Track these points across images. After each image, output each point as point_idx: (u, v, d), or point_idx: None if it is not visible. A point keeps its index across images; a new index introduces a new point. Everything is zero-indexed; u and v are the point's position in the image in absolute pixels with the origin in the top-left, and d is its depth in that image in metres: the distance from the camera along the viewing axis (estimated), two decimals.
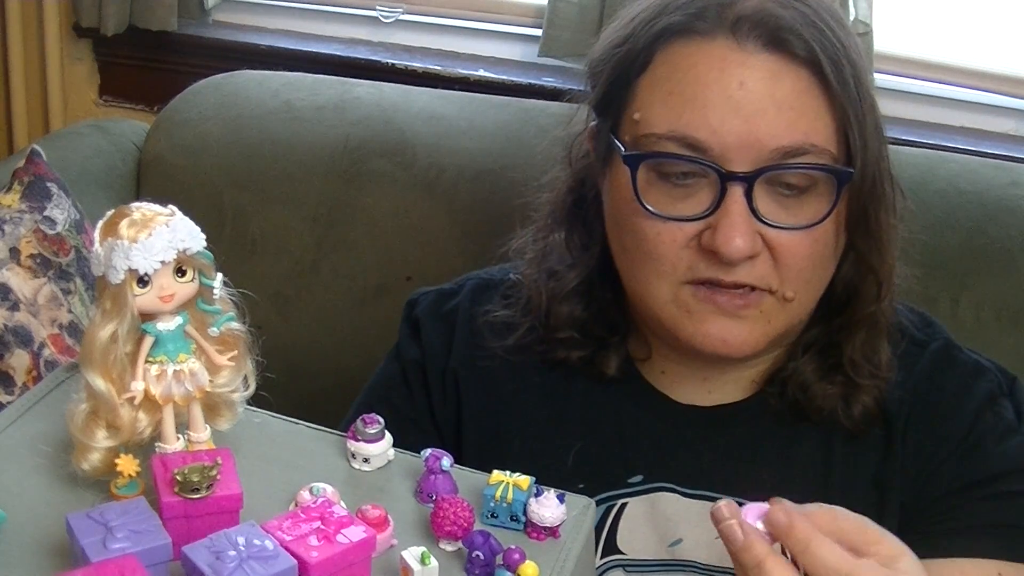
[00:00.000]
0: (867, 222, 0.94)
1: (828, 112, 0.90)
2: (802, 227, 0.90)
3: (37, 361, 1.31)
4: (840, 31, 0.91)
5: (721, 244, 0.88)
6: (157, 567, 0.61)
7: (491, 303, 1.06)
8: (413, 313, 1.10)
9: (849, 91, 0.90)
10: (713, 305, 0.91)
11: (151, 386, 0.67)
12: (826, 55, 0.89)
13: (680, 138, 0.89)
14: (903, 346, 0.99)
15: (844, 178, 0.90)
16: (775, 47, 0.89)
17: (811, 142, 0.89)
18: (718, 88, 0.88)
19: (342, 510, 0.64)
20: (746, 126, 0.88)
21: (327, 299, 1.53)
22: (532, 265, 1.04)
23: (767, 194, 0.90)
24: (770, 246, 0.90)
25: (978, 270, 1.33)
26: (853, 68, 0.91)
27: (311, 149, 1.55)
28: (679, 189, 0.91)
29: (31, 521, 0.67)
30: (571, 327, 1.01)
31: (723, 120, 0.88)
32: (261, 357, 0.73)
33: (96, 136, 1.66)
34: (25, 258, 1.34)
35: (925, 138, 1.70)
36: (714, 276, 0.90)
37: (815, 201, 0.90)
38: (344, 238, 1.53)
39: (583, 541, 0.70)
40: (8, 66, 2.16)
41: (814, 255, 0.92)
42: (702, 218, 0.90)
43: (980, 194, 1.37)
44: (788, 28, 0.89)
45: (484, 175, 1.47)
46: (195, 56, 2.03)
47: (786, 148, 0.88)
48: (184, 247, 0.66)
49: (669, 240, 0.91)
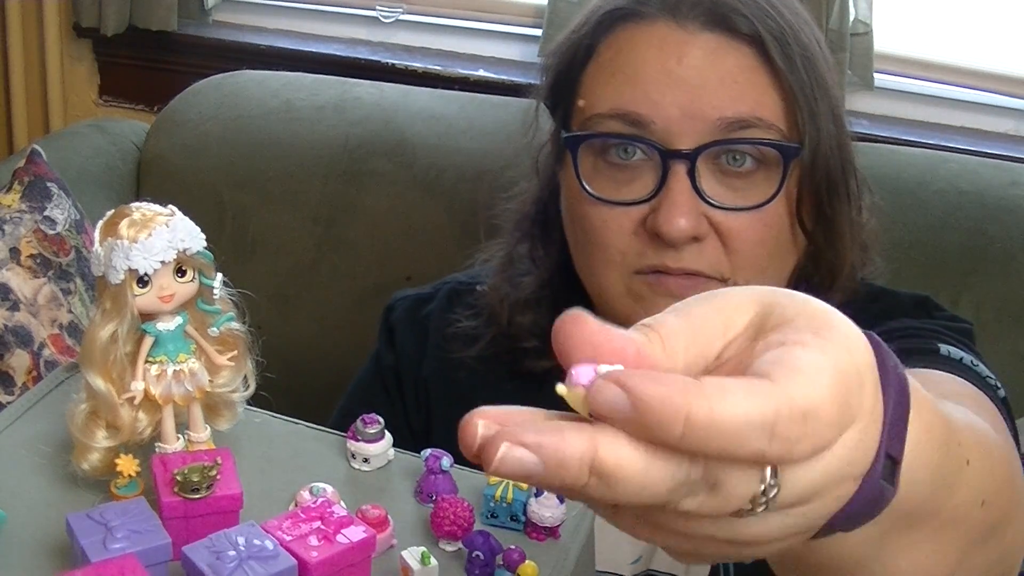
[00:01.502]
0: (820, 208, 0.92)
1: (775, 89, 0.88)
2: (749, 207, 0.88)
3: (37, 361, 1.31)
4: (789, 14, 0.90)
5: (662, 224, 0.87)
6: (157, 567, 0.60)
7: (460, 311, 1.05)
8: (390, 319, 1.09)
9: (796, 71, 0.88)
10: (663, 289, 0.89)
11: (151, 386, 0.67)
12: (770, 33, 0.87)
13: (622, 115, 0.88)
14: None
15: (791, 154, 0.88)
16: (716, 25, 0.88)
17: (757, 115, 0.87)
18: (658, 64, 0.88)
19: (342, 510, 0.64)
20: (687, 97, 0.86)
21: (327, 299, 1.53)
22: (496, 275, 1.04)
23: (713, 175, 0.88)
24: (718, 230, 0.88)
25: (978, 270, 1.33)
26: (803, 50, 0.89)
27: (311, 149, 1.55)
28: (624, 173, 0.90)
29: (31, 521, 0.67)
30: (535, 336, 0.99)
31: (664, 93, 0.87)
32: (261, 357, 0.73)
33: (96, 136, 1.66)
34: (25, 258, 1.34)
35: (925, 138, 1.70)
36: (661, 263, 0.89)
37: (764, 182, 0.89)
38: (344, 238, 1.53)
39: (583, 541, 0.70)
40: (8, 66, 2.16)
41: (766, 240, 0.89)
42: (646, 201, 0.88)
43: (980, 194, 1.37)
44: (729, 6, 0.88)
45: (484, 175, 1.47)
46: (195, 56, 2.03)
47: (731, 119, 0.87)
48: (184, 247, 0.66)
49: (616, 227, 0.90)
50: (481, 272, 1.08)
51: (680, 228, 0.86)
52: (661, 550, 0.94)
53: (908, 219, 1.35)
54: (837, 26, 1.68)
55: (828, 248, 0.93)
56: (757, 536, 0.41)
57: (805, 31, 0.91)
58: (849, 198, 0.94)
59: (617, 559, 0.96)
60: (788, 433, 0.37)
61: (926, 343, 0.90)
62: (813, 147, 0.89)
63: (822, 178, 0.90)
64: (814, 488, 0.40)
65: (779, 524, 0.41)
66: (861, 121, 1.74)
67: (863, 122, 1.74)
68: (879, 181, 1.32)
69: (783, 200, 0.89)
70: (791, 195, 0.90)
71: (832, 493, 0.41)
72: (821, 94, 0.90)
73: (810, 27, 0.93)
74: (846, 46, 1.68)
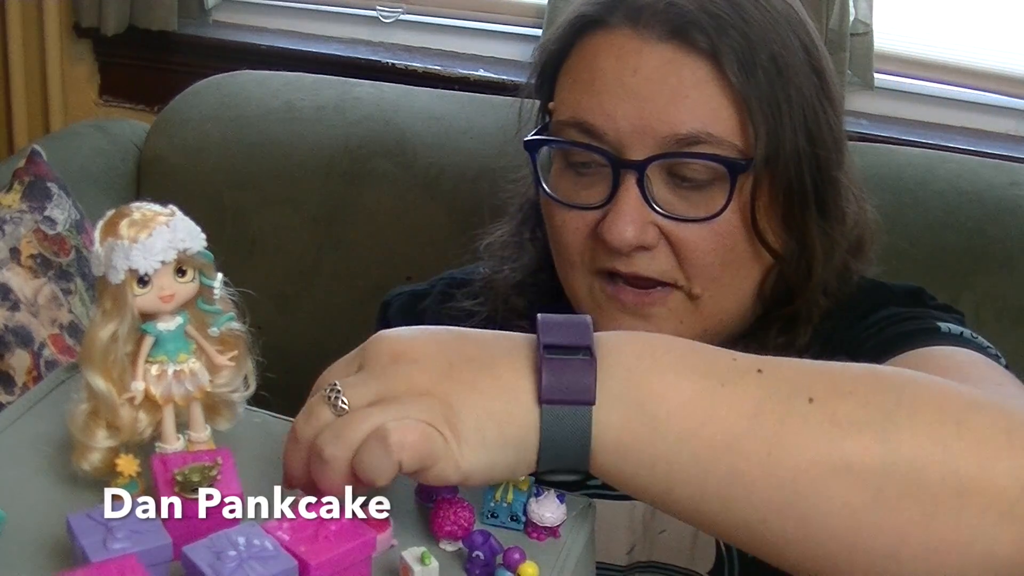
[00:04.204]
0: (786, 221, 0.91)
1: (731, 104, 0.88)
2: (697, 219, 0.88)
3: (37, 361, 1.31)
4: (764, 22, 0.89)
5: (606, 232, 0.88)
6: (157, 567, 0.60)
7: (457, 300, 1.06)
8: (386, 315, 1.09)
9: (756, 85, 0.87)
10: (619, 304, 0.91)
11: (151, 386, 0.67)
12: (730, 46, 0.87)
13: (578, 124, 0.90)
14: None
15: (737, 169, 0.88)
16: (674, 37, 0.88)
17: (707, 131, 0.87)
18: (613, 75, 0.89)
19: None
20: (638, 111, 0.87)
21: (327, 299, 1.53)
22: (494, 256, 1.05)
23: (666, 185, 0.89)
24: (669, 239, 0.89)
25: (978, 270, 1.33)
26: (771, 62, 0.88)
27: (311, 149, 1.55)
28: (583, 178, 0.91)
29: (31, 521, 0.67)
30: (528, 319, 1.00)
31: (616, 105, 0.88)
32: (261, 357, 0.73)
33: (96, 136, 1.66)
34: (25, 258, 1.34)
35: (925, 138, 1.70)
36: (612, 267, 0.90)
37: (717, 194, 0.88)
38: (344, 238, 1.53)
39: (583, 541, 0.70)
40: (8, 66, 2.16)
41: (718, 250, 0.89)
42: (599, 207, 0.90)
43: (980, 194, 1.37)
44: (690, 19, 0.87)
45: (484, 175, 1.47)
46: (195, 56, 2.03)
47: (680, 136, 0.87)
48: (184, 247, 0.66)
49: (573, 228, 0.92)
50: (478, 267, 1.08)
51: (624, 237, 0.88)
52: (661, 540, 0.95)
53: (908, 219, 1.35)
54: (837, 26, 1.68)
55: (797, 261, 0.93)
56: (361, 425, 0.60)
57: (781, 40, 0.89)
58: (823, 210, 0.93)
59: (612, 550, 0.96)
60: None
61: (924, 323, 0.91)
62: (770, 161, 0.88)
63: (783, 192, 0.90)
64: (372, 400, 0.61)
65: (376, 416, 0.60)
66: (861, 121, 1.74)
67: (863, 122, 1.74)
68: (879, 181, 1.32)
69: (738, 213, 0.89)
70: (747, 208, 0.89)
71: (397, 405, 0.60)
72: (788, 106, 0.89)
73: (792, 33, 0.91)
74: (846, 46, 1.68)
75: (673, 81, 0.87)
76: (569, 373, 0.61)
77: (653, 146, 0.87)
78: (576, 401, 0.61)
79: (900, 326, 0.92)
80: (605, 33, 0.91)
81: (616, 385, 0.61)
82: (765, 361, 0.64)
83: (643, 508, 0.95)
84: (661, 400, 0.61)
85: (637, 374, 0.62)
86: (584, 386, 0.61)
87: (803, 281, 0.94)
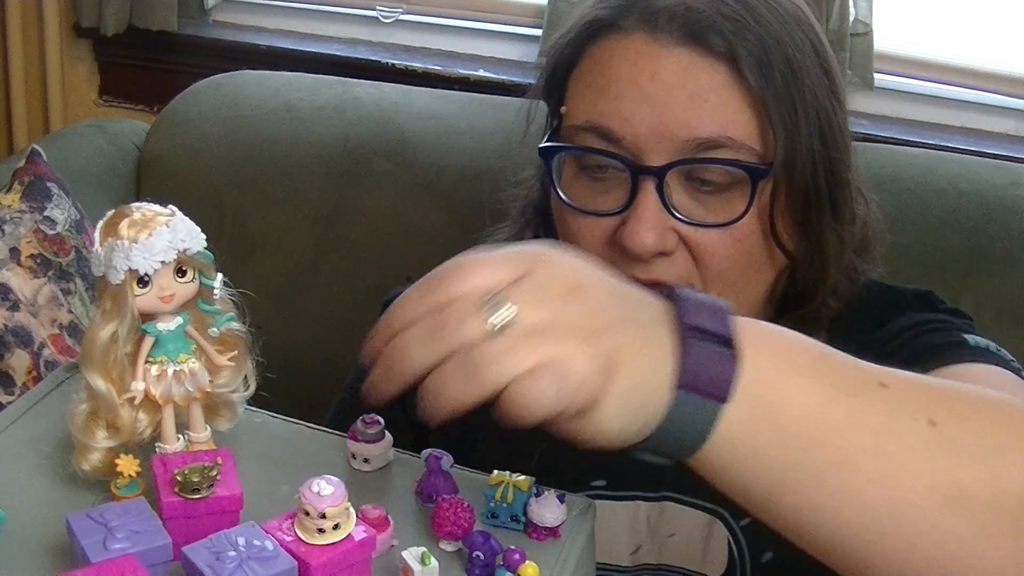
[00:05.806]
0: (801, 225, 0.91)
1: (749, 107, 0.87)
2: (717, 224, 0.88)
3: (37, 361, 1.31)
4: (777, 24, 0.89)
5: (627, 238, 0.87)
6: (157, 567, 0.60)
7: None
8: None
9: (774, 88, 0.87)
10: None
11: (151, 386, 0.67)
12: (747, 49, 0.86)
13: (595, 128, 0.89)
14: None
15: (758, 175, 0.87)
16: (691, 41, 0.87)
17: (727, 135, 0.87)
18: (629, 79, 0.88)
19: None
20: (657, 116, 0.86)
21: (327, 299, 1.53)
22: None
23: (685, 190, 0.88)
24: (688, 244, 0.88)
25: (978, 270, 1.33)
26: (787, 64, 0.88)
27: (311, 149, 1.55)
28: (599, 183, 0.90)
29: (31, 521, 0.67)
30: None
31: (634, 110, 0.87)
32: (261, 357, 0.73)
33: (96, 136, 1.66)
34: (25, 258, 1.34)
35: (925, 138, 1.70)
36: (632, 273, 0.88)
37: (735, 199, 0.88)
38: (344, 238, 1.53)
39: (583, 541, 0.70)
40: (8, 66, 2.16)
41: (737, 256, 0.89)
42: (617, 213, 0.89)
43: (980, 194, 1.37)
44: (707, 23, 0.87)
45: (484, 175, 1.47)
46: (195, 56, 2.03)
47: (700, 140, 0.86)
48: (184, 247, 0.66)
49: (588, 235, 0.90)
50: None
51: (645, 244, 0.87)
52: (671, 544, 0.95)
53: (908, 219, 1.35)
54: (837, 26, 1.68)
55: (811, 263, 0.93)
56: (539, 349, 0.56)
57: (794, 42, 0.89)
58: (836, 212, 0.93)
59: (615, 551, 0.95)
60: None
61: (951, 335, 0.91)
62: (789, 165, 0.88)
63: (800, 195, 0.90)
64: (542, 327, 0.56)
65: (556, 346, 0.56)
66: (861, 121, 1.74)
67: (863, 122, 1.74)
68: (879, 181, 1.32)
69: (756, 217, 0.89)
70: (765, 212, 0.89)
71: (559, 343, 0.56)
72: (803, 109, 0.89)
73: (803, 34, 0.91)
74: (846, 46, 1.68)
75: (691, 86, 0.87)
76: (712, 366, 0.59)
77: (672, 151, 0.87)
78: (711, 395, 0.59)
79: (929, 337, 0.91)
80: (619, 37, 0.90)
81: (750, 384, 0.60)
82: (887, 373, 0.63)
83: (647, 510, 0.95)
84: (790, 405, 0.60)
85: (771, 374, 0.61)
86: (724, 382, 0.59)
87: (816, 283, 0.94)
